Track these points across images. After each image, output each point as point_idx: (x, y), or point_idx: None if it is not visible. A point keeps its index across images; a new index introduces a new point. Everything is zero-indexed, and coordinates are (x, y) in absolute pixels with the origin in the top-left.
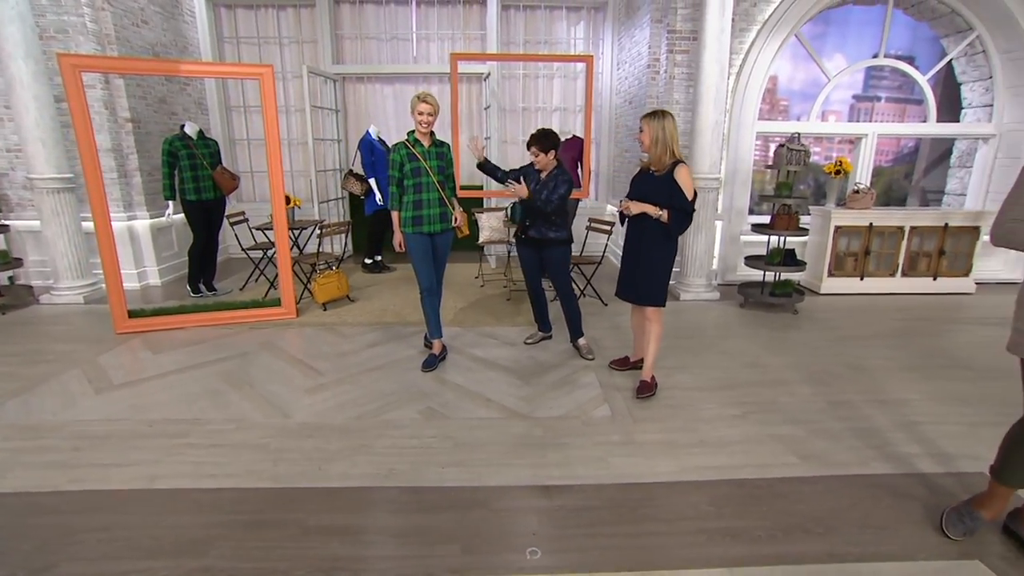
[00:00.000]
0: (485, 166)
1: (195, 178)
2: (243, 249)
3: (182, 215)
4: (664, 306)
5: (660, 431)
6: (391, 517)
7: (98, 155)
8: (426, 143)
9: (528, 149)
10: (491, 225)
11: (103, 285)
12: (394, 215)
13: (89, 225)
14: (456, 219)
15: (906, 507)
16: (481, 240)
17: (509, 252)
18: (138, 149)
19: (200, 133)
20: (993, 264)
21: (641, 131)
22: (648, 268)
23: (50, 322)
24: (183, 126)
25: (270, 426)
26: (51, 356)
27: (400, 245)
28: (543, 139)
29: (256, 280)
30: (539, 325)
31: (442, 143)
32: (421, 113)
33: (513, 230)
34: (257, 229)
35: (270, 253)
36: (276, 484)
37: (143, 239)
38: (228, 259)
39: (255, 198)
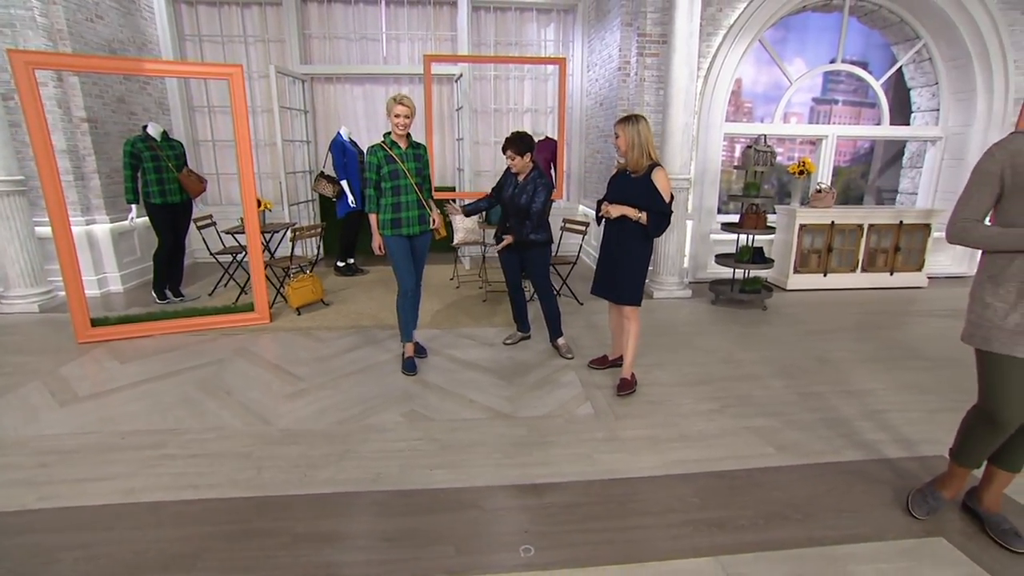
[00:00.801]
0: (471, 211)
1: (160, 181)
2: (212, 253)
3: (146, 219)
4: (641, 304)
5: (642, 427)
6: (382, 521)
7: (55, 156)
8: (403, 145)
9: (504, 153)
10: (466, 227)
11: (60, 293)
12: (372, 218)
13: (42, 230)
14: (434, 220)
15: (876, 491)
16: (456, 241)
17: (484, 253)
18: (96, 150)
19: (164, 134)
20: (943, 259)
21: (617, 137)
22: (627, 268)
23: (3, 332)
24: (145, 127)
25: (252, 434)
26: (7, 368)
27: (379, 248)
28: (518, 142)
29: (225, 285)
30: (518, 325)
31: (419, 144)
32: (398, 115)
33: (492, 231)
34: (227, 233)
35: (240, 257)
36: (262, 492)
37: (103, 244)
38: (195, 264)
39: (221, 201)
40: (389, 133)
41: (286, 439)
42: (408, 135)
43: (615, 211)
